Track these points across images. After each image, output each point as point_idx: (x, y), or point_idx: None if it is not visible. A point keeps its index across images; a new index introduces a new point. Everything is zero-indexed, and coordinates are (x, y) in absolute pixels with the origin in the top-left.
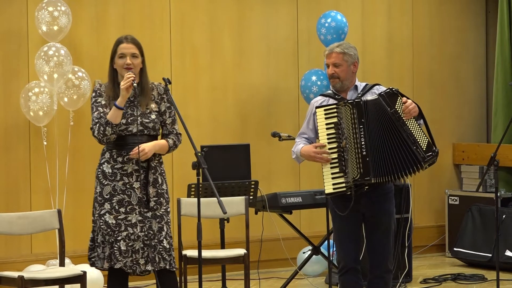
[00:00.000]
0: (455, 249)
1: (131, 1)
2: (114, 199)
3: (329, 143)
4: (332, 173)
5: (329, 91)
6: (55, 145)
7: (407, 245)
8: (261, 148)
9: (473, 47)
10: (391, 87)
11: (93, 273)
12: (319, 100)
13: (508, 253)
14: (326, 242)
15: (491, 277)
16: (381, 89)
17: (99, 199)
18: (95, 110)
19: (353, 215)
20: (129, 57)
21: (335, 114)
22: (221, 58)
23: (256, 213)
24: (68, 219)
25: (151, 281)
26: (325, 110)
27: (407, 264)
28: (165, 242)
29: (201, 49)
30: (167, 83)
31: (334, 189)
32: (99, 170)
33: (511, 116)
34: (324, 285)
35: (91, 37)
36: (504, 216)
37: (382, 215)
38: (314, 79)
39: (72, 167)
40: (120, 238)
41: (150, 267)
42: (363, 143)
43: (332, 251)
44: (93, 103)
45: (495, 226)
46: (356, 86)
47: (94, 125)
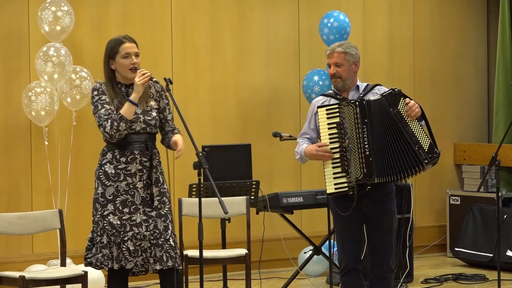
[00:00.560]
0: (456, 249)
1: (132, 2)
2: (117, 199)
3: (331, 143)
4: (334, 173)
5: (330, 91)
6: (57, 145)
7: (408, 245)
8: (262, 148)
9: (474, 47)
10: (394, 88)
11: (94, 273)
12: (320, 100)
13: (509, 253)
14: (327, 242)
15: (492, 277)
16: (382, 90)
17: (101, 200)
18: (100, 107)
19: (355, 215)
20: (134, 57)
21: (337, 114)
22: (222, 58)
23: (257, 213)
24: (69, 219)
25: (152, 281)
26: (327, 110)
27: (408, 264)
28: (171, 240)
29: (202, 50)
30: (169, 83)
31: (335, 189)
32: (101, 170)
33: None
34: (325, 285)
35: (92, 37)
36: (505, 216)
37: (383, 215)
38: (316, 79)
39: (74, 167)
40: (126, 238)
41: (158, 266)
42: (366, 143)
43: (333, 251)
44: (97, 101)
45: (496, 226)
46: (357, 86)
47: (104, 121)
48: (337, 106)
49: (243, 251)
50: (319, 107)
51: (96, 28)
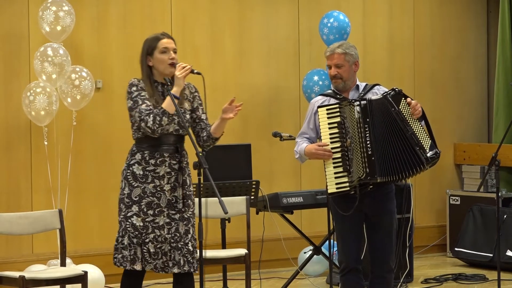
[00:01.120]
0: (456, 249)
1: (132, 2)
2: (143, 201)
3: (332, 143)
4: (335, 173)
5: (329, 90)
6: (56, 145)
7: (408, 245)
8: (262, 148)
9: (474, 47)
10: (395, 88)
11: (94, 273)
12: (320, 99)
13: (509, 253)
14: (327, 242)
15: (492, 277)
16: (381, 89)
17: (127, 200)
18: (141, 102)
19: (355, 215)
20: (172, 52)
21: (338, 113)
22: (222, 58)
23: (257, 213)
24: (69, 219)
25: (152, 281)
26: (327, 109)
27: (408, 264)
28: (190, 245)
29: (202, 50)
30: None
31: (337, 188)
32: (129, 171)
33: None
34: (325, 285)
35: (92, 37)
36: (505, 216)
37: (384, 215)
38: (316, 79)
39: (73, 167)
40: (148, 240)
41: (176, 270)
42: (368, 142)
43: (333, 251)
44: (137, 96)
45: (496, 226)
46: (357, 85)
47: (146, 116)
48: (337, 105)
49: (243, 251)
50: (319, 107)
51: (96, 28)
